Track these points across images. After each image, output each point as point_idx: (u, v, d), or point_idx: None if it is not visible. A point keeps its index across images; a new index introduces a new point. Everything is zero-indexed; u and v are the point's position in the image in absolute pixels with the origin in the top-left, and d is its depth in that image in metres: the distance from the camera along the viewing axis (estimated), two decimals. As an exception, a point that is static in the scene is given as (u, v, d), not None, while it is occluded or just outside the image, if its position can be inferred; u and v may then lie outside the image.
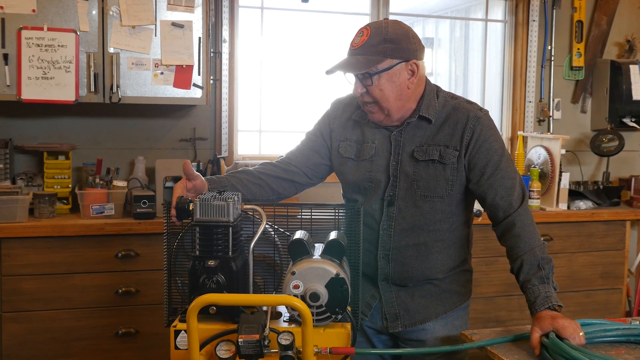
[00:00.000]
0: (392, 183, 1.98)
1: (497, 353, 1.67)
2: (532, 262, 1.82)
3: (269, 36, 3.85)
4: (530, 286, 1.79)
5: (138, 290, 3.02)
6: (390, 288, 2.03)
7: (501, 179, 1.92)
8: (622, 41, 4.24)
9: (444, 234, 1.99)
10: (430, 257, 1.98)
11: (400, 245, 1.97)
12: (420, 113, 1.96)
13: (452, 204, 1.97)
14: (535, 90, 4.12)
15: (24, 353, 2.91)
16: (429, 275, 2.00)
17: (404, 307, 2.03)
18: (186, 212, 1.70)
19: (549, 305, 1.74)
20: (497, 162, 1.92)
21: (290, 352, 1.50)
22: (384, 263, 2.00)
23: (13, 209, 2.91)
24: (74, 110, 3.34)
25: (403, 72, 1.91)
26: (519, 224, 1.87)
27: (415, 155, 1.96)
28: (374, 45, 1.89)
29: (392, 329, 2.04)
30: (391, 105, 1.93)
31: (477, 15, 4.30)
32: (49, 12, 3.01)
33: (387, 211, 1.98)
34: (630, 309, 3.83)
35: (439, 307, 2.04)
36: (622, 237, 3.73)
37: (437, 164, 1.94)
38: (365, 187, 2.02)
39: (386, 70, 1.89)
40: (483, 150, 1.92)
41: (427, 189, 1.94)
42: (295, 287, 1.61)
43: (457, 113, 1.96)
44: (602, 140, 3.99)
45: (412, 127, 1.98)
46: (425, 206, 1.95)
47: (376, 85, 1.90)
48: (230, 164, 3.55)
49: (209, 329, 1.58)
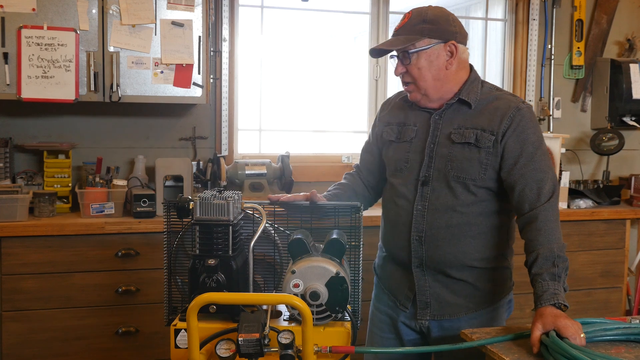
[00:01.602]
0: (427, 163, 2.00)
1: (496, 352, 1.67)
2: (547, 258, 1.81)
3: (269, 35, 3.85)
4: (540, 280, 1.78)
5: (138, 289, 3.02)
6: (424, 276, 2.03)
7: (533, 170, 1.92)
8: (622, 40, 4.24)
9: (477, 218, 1.98)
10: (463, 240, 1.98)
11: (433, 227, 1.98)
12: (460, 96, 2.00)
13: (484, 187, 1.97)
14: (535, 89, 4.12)
15: (24, 352, 2.91)
16: (463, 261, 1.99)
17: (435, 297, 2.03)
18: (186, 211, 1.70)
19: (555, 302, 1.72)
20: (532, 154, 1.93)
21: (290, 351, 1.50)
22: (417, 245, 2.00)
23: (13, 208, 2.91)
24: (74, 109, 3.34)
25: (441, 53, 1.97)
26: (542, 218, 1.86)
27: (452, 137, 1.99)
28: (413, 26, 1.97)
29: (420, 317, 2.05)
30: (428, 84, 1.99)
31: (477, 14, 4.30)
32: (49, 11, 3.00)
33: (422, 191, 2.00)
34: (630, 307, 3.83)
35: (470, 304, 2.03)
36: (622, 236, 3.74)
37: (472, 147, 1.96)
38: (401, 167, 2.06)
39: (424, 49, 1.96)
40: (519, 139, 1.94)
41: (460, 170, 1.96)
42: (295, 286, 1.61)
43: (499, 102, 2.00)
44: (602, 139, 3.99)
45: (452, 111, 2.02)
46: (458, 188, 1.97)
47: (414, 64, 1.97)
48: (230, 163, 3.55)
49: (209, 328, 1.59)
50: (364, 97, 3.98)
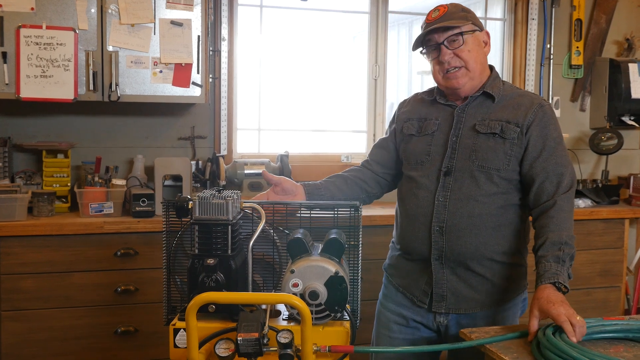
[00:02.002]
0: (450, 155, 2.02)
1: (495, 351, 1.67)
2: (555, 243, 1.83)
3: (268, 34, 3.85)
4: (544, 261, 1.81)
5: (137, 288, 3.02)
6: (442, 269, 2.03)
7: (555, 164, 1.96)
8: (621, 39, 4.24)
9: (498, 209, 1.99)
10: (483, 231, 1.98)
11: (455, 216, 1.98)
12: (485, 89, 2.05)
13: (506, 179, 1.99)
14: (535, 88, 4.12)
15: (23, 352, 2.91)
16: (483, 252, 1.99)
17: (452, 290, 2.03)
18: (185, 210, 1.70)
19: (554, 282, 1.74)
20: (554, 148, 1.98)
21: (289, 351, 1.50)
22: (438, 236, 2.00)
23: (12, 207, 2.91)
24: (73, 108, 3.34)
25: (481, 39, 2.06)
26: (557, 207, 1.90)
27: (476, 128, 2.02)
28: (455, 13, 2.03)
29: (435, 309, 2.05)
30: (476, 67, 2.03)
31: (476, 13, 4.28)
32: (48, 11, 3.00)
33: (444, 181, 2.01)
34: (629, 307, 3.84)
35: (485, 299, 2.03)
36: (621, 235, 3.74)
37: (497, 138, 1.99)
38: (422, 160, 2.08)
39: (472, 32, 2.03)
40: (542, 134, 1.98)
41: (484, 159, 1.98)
42: (294, 285, 1.61)
43: (523, 98, 2.05)
44: (601, 138, 4.00)
45: (476, 104, 2.06)
46: (481, 177, 1.98)
47: (465, 47, 2.01)
48: (229, 162, 3.55)
49: (208, 327, 1.59)
50: (363, 96, 3.98)
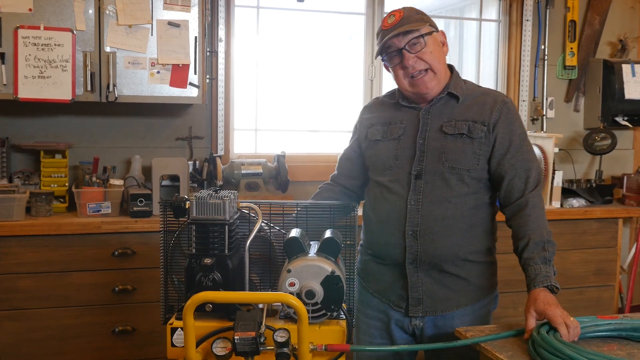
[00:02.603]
0: (419, 158, 2.01)
1: (490, 349, 1.67)
2: (538, 242, 1.86)
3: (265, 35, 3.85)
4: (532, 264, 1.84)
5: (135, 288, 3.02)
6: (417, 273, 2.02)
7: (522, 160, 1.98)
8: (614, 41, 4.26)
9: (470, 210, 2.00)
10: (457, 233, 1.98)
11: (429, 219, 1.98)
12: (449, 90, 2.04)
13: (477, 178, 2.00)
14: (529, 89, 4.13)
15: (21, 351, 2.91)
16: (457, 253, 1.99)
17: (428, 294, 2.02)
18: (182, 210, 1.70)
19: (547, 284, 1.78)
20: (519, 145, 1.99)
21: (286, 349, 1.50)
22: (412, 240, 1.99)
23: (10, 207, 2.91)
24: (71, 109, 3.34)
25: (439, 40, 2.06)
26: (531, 205, 1.93)
27: (443, 129, 2.01)
28: (411, 17, 2.01)
29: (412, 314, 2.04)
30: (440, 68, 2.02)
31: (471, 15, 4.31)
32: (46, 12, 3.00)
33: (415, 184, 2.00)
34: (623, 305, 3.85)
35: (461, 298, 2.03)
36: (615, 235, 3.75)
37: (465, 138, 1.99)
38: (390, 165, 2.06)
39: (430, 34, 2.02)
40: (508, 131, 1.99)
41: (454, 161, 1.98)
42: (290, 284, 1.61)
43: (486, 97, 2.05)
44: (594, 138, 4.01)
45: (440, 105, 2.05)
46: (452, 179, 1.98)
47: (427, 47, 2.00)
48: (226, 162, 3.55)
49: (205, 327, 1.59)
50: (359, 97, 3.99)
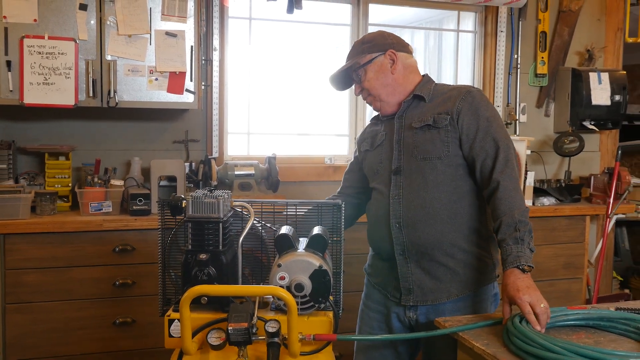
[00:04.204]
0: (397, 156, 2.04)
1: (468, 338, 1.68)
2: (509, 224, 1.82)
3: (257, 45, 3.85)
4: (504, 245, 1.81)
5: (134, 282, 3.00)
6: (407, 263, 2.01)
7: (491, 141, 1.94)
8: (582, 50, 4.28)
9: (450, 198, 1.97)
10: (439, 221, 1.96)
11: (410, 209, 1.98)
12: (414, 93, 2.08)
13: (451, 165, 1.98)
14: (503, 95, 4.15)
15: (26, 342, 2.89)
16: (442, 241, 1.96)
17: (417, 283, 2.01)
18: (179, 209, 1.69)
19: (517, 265, 1.74)
20: (487, 127, 1.95)
21: (276, 339, 1.50)
22: (398, 232, 1.99)
23: (16, 206, 2.88)
24: (74, 113, 3.32)
25: (385, 62, 2.09)
26: (502, 187, 1.88)
27: (413, 125, 2.03)
28: (355, 50, 2.15)
29: (404, 302, 2.03)
30: (380, 92, 2.10)
31: (449, 26, 4.32)
32: (50, 22, 2.98)
33: (395, 180, 2.02)
34: (590, 297, 3.87)
35: (451, 288, 2.00)
36: (583, 231, 3.77)
37: (431, 128, 1.99)
38: (377, 169, 2.11)
39: (368, 63, 2.09)
40: (474, 116, 1.97)
41: (425, 151, 1.98)
42: (281, 278, 1.61)
43: (452, 91, 2.06)
44: (564, 141, 4.03)
45: (411, 108, 2.09)
46: (426, 167, 1.98)
47: (364, 79, 2.10)
48: (220, 164, 3.54)
49: (201, 318, 1.58)
50: (345, 102, 3.99)
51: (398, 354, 2.14)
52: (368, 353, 2.17)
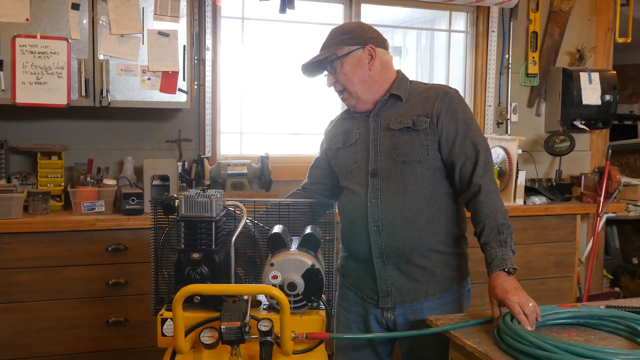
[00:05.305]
0: (374, 157, 1.98)
1: (459, 336, 1.68)
2: (493, 227, 1.82)
3: (250, 44, 3.84)
4: (488, 248, 1.81)
5: (127, 281, 3.00)
6: (385, 267, 1.99)
7: (470, 145, 1.92)
8: (573, 50, 4.30)
9: (428, 201, 1.95)
10: (417, 224, 1.94)
11: (388, 213, 1.94)
12: (392, 92, 2.02)
13: (430, 169, 1.95)
14: (494, 95, 4.16)
15: (19, 341, 2.87)
16: (420, 244, 1.95)
17: (396, 285, 1.99)
18: (171, 208, 1.69)
19: (503, 268, 1.76)
20: (466, 130, 1.93)
21: (269, 338, 1.50)
22: (376, 235, 1.96)
23: (8, 206, 2.87)
24: (66, 113, 3.31)
25: (363, 57, 2.01)
26: (484, 191, 1.87)
27: (391, 127, 1.98)
28: (333, 39, 2.04)
29: (382, 305, 2.02)
30: (357, 87, 2.01)
31: (441, 26, 4.33)
32: (42, 21, 2.96)
33: (372, 182, 1.97)
34: (581, 295, 3.89)
35: (428, 289, 1.99)
36: (573, 230, 3.79)
37: (411, 131, 1.95)
38: (351, 169, 2.04)
39: (345, 56, 2.00)
40: (453, 119, 1.94)
41: (404, 154, 1.95)
42: (274, 277, 1.61)
43: (429, 91, 2.01)
44: (555, 141, 4.04)
45: (387, 107, 2.03)
46: (405, 171, 1.94)
47: (340, 72, 2.01)
48: (213, 163, 3.54)
49: (194, 317, 1.58)
50: (336, 102, 3.99)
51: (377, 354, 2.13)
52: (347, 353, 2.15)
